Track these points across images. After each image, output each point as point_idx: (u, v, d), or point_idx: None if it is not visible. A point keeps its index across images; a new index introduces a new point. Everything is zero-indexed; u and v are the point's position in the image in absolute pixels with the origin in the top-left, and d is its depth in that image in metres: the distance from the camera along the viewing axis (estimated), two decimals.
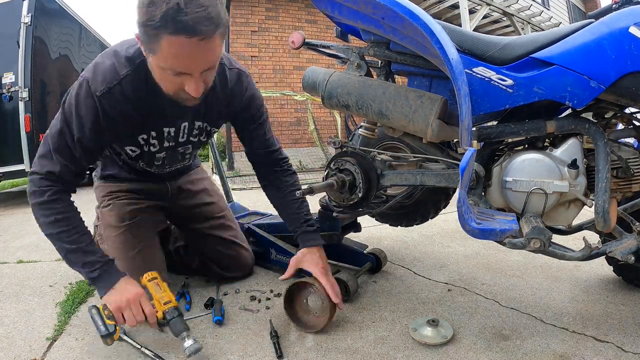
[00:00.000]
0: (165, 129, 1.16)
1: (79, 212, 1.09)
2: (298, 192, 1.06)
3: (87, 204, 1.45)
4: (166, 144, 1.20)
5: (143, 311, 1.00)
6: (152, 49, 0.85)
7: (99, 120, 1.00)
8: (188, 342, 0.96)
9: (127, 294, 1.00)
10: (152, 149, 1.18)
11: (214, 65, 0.91)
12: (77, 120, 1.00)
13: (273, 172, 1.35)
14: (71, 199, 1.10)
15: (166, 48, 0.82)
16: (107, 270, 1.04)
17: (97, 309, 0.97)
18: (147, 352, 1.01)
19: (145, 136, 1.15)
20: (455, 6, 7.94)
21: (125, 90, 1.00)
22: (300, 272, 1.23)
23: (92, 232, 1.14)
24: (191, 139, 1.24)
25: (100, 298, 1.02)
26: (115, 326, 0.96)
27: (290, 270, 1.21)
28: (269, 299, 1.33)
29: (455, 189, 1.26)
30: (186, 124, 1.19)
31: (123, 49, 1.01)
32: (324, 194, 1.33)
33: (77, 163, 1.05)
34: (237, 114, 1.25)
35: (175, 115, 1.14)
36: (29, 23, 3.75)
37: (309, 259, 1.19)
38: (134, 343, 1.05)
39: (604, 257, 1.15)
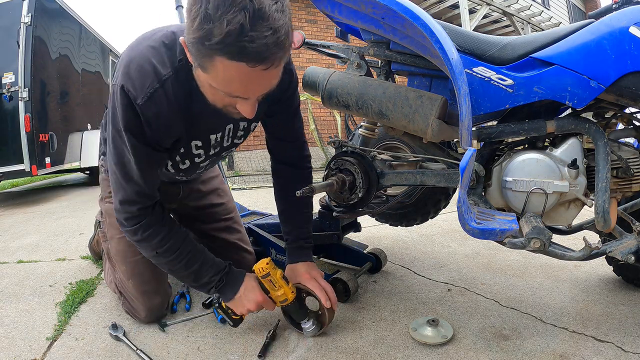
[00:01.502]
0: (212, 136, 1.04)
1: (175, 227, 1.04)
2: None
3: (87, 202, 1.44)
4: (212, 152, 1.08)
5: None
6: (203, 67, 0.72)
7: (144, 132, 0.88)
8: (307, 324, 1.08)
9: (249, 304, 1.05)
10: (196, 159, 1.06)
11: (273, 87, 0.78)
12: (129, 133, 0.87)
13: (295, 167, 1.21)
14: (163, 214, 1.02)
15: (221, 71, 0.69)
16: (226, 283, 1.07)
17: (222, 307, 1.09)
18: (142, 355, 1.01)
19: (186, 148, 1.02)
20: (455, 6, 7.94)
21: (169, 95, 0.85)
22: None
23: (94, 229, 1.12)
24: (235, 140, 1.13)
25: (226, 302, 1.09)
26: (241, 317, 1.10)
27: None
28: None
29: (455, 188, 1.27)
30: (231, 126, 1.07)
31: (159, 42, 0.85)
32: (324, 193, 1.32)
33: (155, 170, 0.96)
34: (277, 100, 1.08)
35: (222, 118, 0.97)
36: (29, 23, 3.75)
37: (296, 274, 1.14)
38: (131, 345, 1.05)
39: (604, 257, 1.15)
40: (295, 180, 1.19)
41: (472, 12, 7.85)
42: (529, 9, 8.74)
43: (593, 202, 0.96)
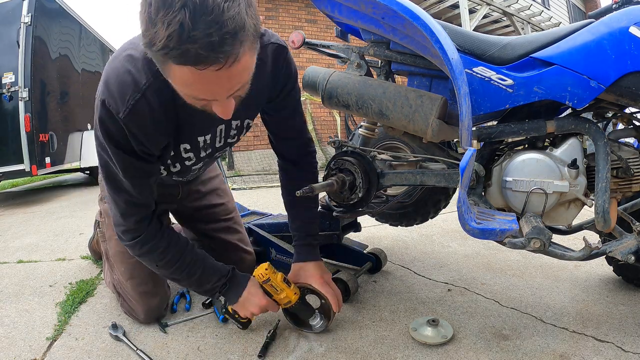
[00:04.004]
0: (200, 138, 1.00)
1: (174, 239, 1.04)
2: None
3: (87, 203, 1.44)
4: (202, 154, 1.05)
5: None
6: (164, 73, 0.68)
7: (130, 143, 0.85)
8: (315, 321, 1.09)
9: (253, 308, 1.06)
10: (186, 162, 1.04)
11: (244, 84, 0.72)
12: (116, 148, 0.85)
13: (299, 164, 1.20)
14: (162, 227, 1.02)
15: (178, 76, 0.65)
16: (229, 288, 1.08)
17: (228, 312, 1.10)
18: (142, 355, 1.01)
19: (175, 152, 0.99)
20: (455, 6, 7.94)
21: (151, 103, 0.82)
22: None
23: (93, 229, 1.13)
24: (229, 140, 1.09)
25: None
26: (248, 319, 1.11)
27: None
28: None
29: (455, 188, 1.27)
30: (222, 126, 1.03)
31: (139, 49, 0.81)
32: (324, 193, 1.32)
33: (149, 182, 0.95)
34: (275, 95, 1.05)
35: (210, 120, 0.92)
36: (29, 23, 3.75)
37: (307, 274, 1.14)
38: (131, 345, 1.05)
39: (604, 257, 1.15)
40: (299, 177, 1.18)
41: (472, 12, 7.85)
42: (529, 9, 8.74)
43: (593, 202, 0.96)
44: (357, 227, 1.59)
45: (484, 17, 8.31)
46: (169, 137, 0.92)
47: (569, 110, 1.07)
